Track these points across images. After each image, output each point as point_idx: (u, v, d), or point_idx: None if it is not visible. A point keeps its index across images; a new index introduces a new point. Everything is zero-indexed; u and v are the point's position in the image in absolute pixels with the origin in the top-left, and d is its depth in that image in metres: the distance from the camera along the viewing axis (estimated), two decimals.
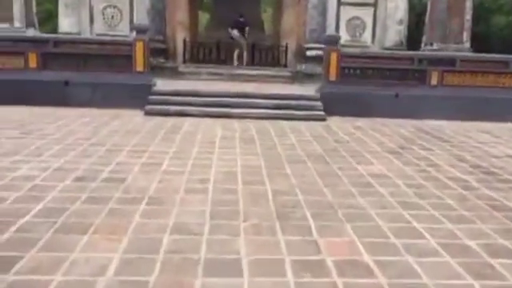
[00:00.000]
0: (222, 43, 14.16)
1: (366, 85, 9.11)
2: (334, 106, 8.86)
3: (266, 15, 21.11)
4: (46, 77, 8.69)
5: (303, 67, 12.41)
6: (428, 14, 13.23)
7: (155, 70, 11.29)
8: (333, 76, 9.05)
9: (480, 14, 16.17)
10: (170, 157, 5.41)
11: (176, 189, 4.26)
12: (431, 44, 12.74)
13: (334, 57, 8.97)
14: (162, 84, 9.72)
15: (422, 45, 12.96)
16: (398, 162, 5.62)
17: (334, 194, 4.26)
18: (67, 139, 6.08)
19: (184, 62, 13.60)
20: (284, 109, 8.60)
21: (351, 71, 9.13)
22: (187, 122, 7.69)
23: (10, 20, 14.13)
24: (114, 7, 12.10)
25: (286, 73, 12.47)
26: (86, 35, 11.94)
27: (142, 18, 11.88)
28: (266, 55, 14.08)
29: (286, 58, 13.99)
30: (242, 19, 13.86)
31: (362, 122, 8.49)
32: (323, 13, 12.33)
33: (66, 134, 6.39)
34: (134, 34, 9.46)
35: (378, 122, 8.56)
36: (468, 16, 13.27)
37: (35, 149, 5.51)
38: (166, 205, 3.86)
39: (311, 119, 8.33)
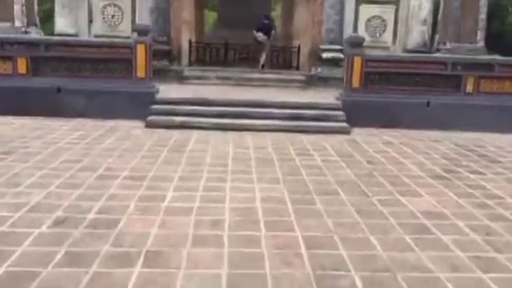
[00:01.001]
0: (231, 44, 13.22)
1: (393, 92, 8.14)
2: (358, 115, 7.90)
3: (275, 14, 20.16)
4: (37, 83, 7.78)
5: (318, 70, 11.44)
6: (441, 12, 12.30)
7: (158, 74, 10.37)
8: (356, 82, 8.09)
9: (495, 12, 15.24)
10: (174, 186, 4.48)
11: (181, 238, 3.32)
12: (444, 43, 11.79)
13: (357, 61, 8.01)
14: (165, 90, 8.79)
15: (435, 44, 12.04)
16: (448, 191, 4.65)
17: (384, 246, 3.31)
18: (53, 162, 5.16)
19: (190, 64, 12.66)
20: (302, 120, 7.65)
21: (376, 77, 8.16)
22: (194, 137, 6.76)
23: (11, 19, 13.38)
24: (115, 6, 11.20)
25: (299, 76, 11.51)
26: (84, 36, 11.04)
27: (144, 17, 10.97)
28: (276, 57, 13.13)
29: (299, 61, 13.02)
30: (266, 21, 12.92)
31: (390, 134, 7.53)
32: (341, 11, 11.36)
33: (53, 155, 5.47)
34: (135, 35, 8.55)
35: (408, 134, 7.58)
36: (482, 15, 12.47)
37: (13, 176, 4.59)
38: (169, 265, 2.93)
39: (333, 132, 7.37)
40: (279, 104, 8.02)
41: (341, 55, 11.40)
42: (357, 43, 8.08)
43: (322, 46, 11.46)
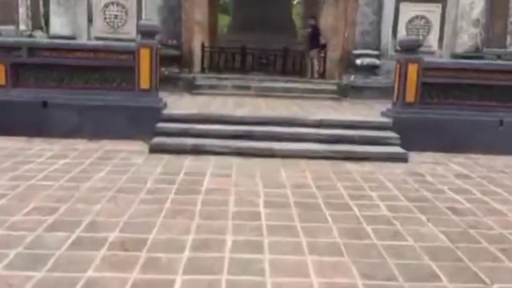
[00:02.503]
0: (248, 49, 11.75)
1: (457, 108, 6.56)
2: (413, 137, 6.33)
3: (295, 11, 18.63)
4: (18, 96, 6.36)
5: (351, 79, 9.90)
6: None
7: (166, 83, 8.95)
8: (410, 95, 6.52)
9: None
10: (185, 263, 2.95)
11: None
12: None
13: (412, 69, 6.44)
14: (174, 104, 7.32)
15: None
16: None
17: None
18: (18, 211, 3.68)
19: (202, 71, 11.23)
20: (345, 143, 6.09)
21: (435, 89, 6.59)
22: (210, 167, 5.24)
23: (15, 22, 12.18)
24: (118, 4, 9.80)
25: (329, 86, 9.96)
26: (83, 39, 9.66)
27: (152, 17, 9.54)
28: (300, 63, 11.62)
29: (325, 68, 11.52)
30: (312, 22, 11.46)
31: (458, 162, 5.95)
32: (378, 11, 9.82)
33: (21, 198, 3.99)
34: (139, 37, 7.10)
35: (481, 162, 5.99)
36: None
37: None
38: None
39: (387, 159, 5.80)
40: (314, 122, 6.47)
41: (377, 61, 9.89)
42: (412, 47, 6.52)
43: (356, 51, 9.92)
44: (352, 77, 9.93)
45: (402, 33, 9.98)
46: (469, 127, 6.46)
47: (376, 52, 9.88)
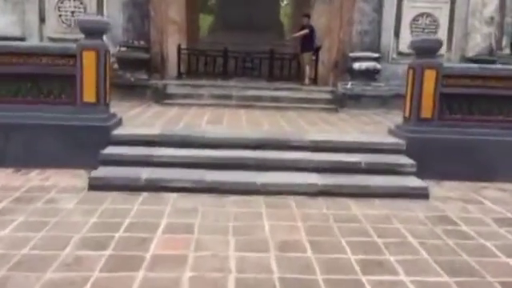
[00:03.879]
0: (232, 51, 10.37)
1: (485, 125, 5.24)
2: (432, 162, 5.01)
3: (283, 12, 17.27)
4: None
5: (348, 86, 8.58)
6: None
7: (133, 92, 7.58)
8: (427, 110, 5.18)
9: None
10: None
11: None
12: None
13: (430, 77, 5.11)
14: (136, 119, 5.93)
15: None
16: None
17: None
18: None
19: (179, 76, 9.84)
20: (348, 172, 4.73)
21: (458, 102, 5.26)
22: (167, 215, 3.81)
23: None
24: (75, 0, 8.35)
25: (324, 94, 8.62)
26: (34, 40, 8.20)
27: (114, 13, 8.14)
28: (288, 68, 10.27)
29: (317, 72, 10.20)
30: (306, 21, 10.07)
31: (493, 198, 4.62)
32: (378, 8, 8.52)
33: None
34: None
35: None
36: (509, 18, 9.89)
37: None
38: None
39: (402, 195, 4.45)
40: (309, 144, 5.09)
41: (378, 65, 8.59)
42: (429, 50, 5.18)
43: (353, 54, 8.61)
44: (349, 84, 8.61)
45: (405, 33, 8.70)
46: (500, 149, 5.15)
47: (376, 55, 8.58)
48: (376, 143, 5.17)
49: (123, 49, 8.12)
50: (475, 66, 5.72)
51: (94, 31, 5.02)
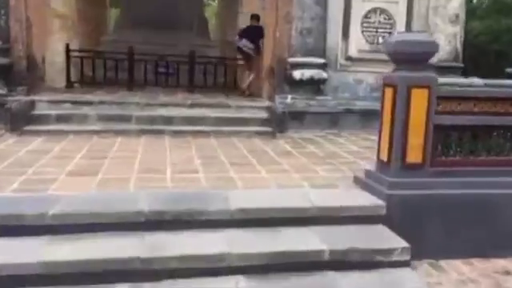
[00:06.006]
0: (139, 53, 8.05)
1: (497, 172, 3.50)
2: (425, 232, 3.21)
3: (211, 10, 15.09)
4: None
5: (288, 100, 6.65)
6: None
7: None
8: (416, 151, 3.30)
9: None
10: None
11: None
12: None
13: (419, 101, 3.24)
14: None
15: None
16: None
17: None
18: None
19: (68, 86, 7.40)
20: (298, 270, 2.73)
21: (458, 136, 3.46)
22: None
23: None
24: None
25: (256, 112, 6.57)
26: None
27: None
28: (213, 75, 8.16)
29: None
30: (255, 23, 7.91)
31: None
32: (322, 1, 6.67)
33: None
34: None
35: None
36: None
37: None
38: None
39: None
40: (233, 213, 3.02)
41: (324, 74, 6.78)
42: (419, 56, 3.29)
43: (293, 59, 6.71)
44: (288, 97, 6.69)
45: (355, 33, 6.95)
46: None
47: (321, 60, 6.74)
48: (342, 208, 3.19)
49: None
50: (479, 81, 3.96)
51: None
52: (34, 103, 5.82)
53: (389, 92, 3.40)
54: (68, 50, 7.65)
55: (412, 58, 3.26)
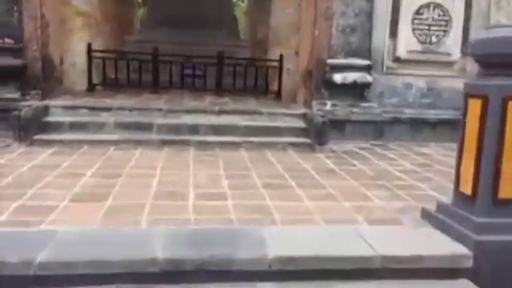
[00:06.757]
0: (165, 54, 7.46)
1: None
2: None
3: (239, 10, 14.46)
4: None
5: (328, 107, 5.89)
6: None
7: None
8: (508, 189, 2.53)
9: None
10: None
11: None
12: None
13: None
14: None
15: None
16: None
17: None
18: None
19: (90, 89, 6.92)
20: None
21: None
22: None
23: None
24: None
25: (292, 121, 5.84)
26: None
27: None
28: (243, 77, 7.49)
29: (281, 85, 7.47)
30: None
31: None
32: None
33: None
34: None
35: None
36: None
37: None
38: None
39: None
40: (276, 265, 2.30)
41: (369, 77, 5.98)
42: None
43: (333, 61, 5.94)
44: (328, 104, 5.93)
45: (405, 31, 6.12)
46: None
47: (366, 62, 5.95)
48: (414, 258, 2.44)
49: None
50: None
51: None
52: (48, 109, 5.29)
53: (475, 105, 2.61)
54: (90, 50, 7.17)
55: (510, 60, 2.46)
